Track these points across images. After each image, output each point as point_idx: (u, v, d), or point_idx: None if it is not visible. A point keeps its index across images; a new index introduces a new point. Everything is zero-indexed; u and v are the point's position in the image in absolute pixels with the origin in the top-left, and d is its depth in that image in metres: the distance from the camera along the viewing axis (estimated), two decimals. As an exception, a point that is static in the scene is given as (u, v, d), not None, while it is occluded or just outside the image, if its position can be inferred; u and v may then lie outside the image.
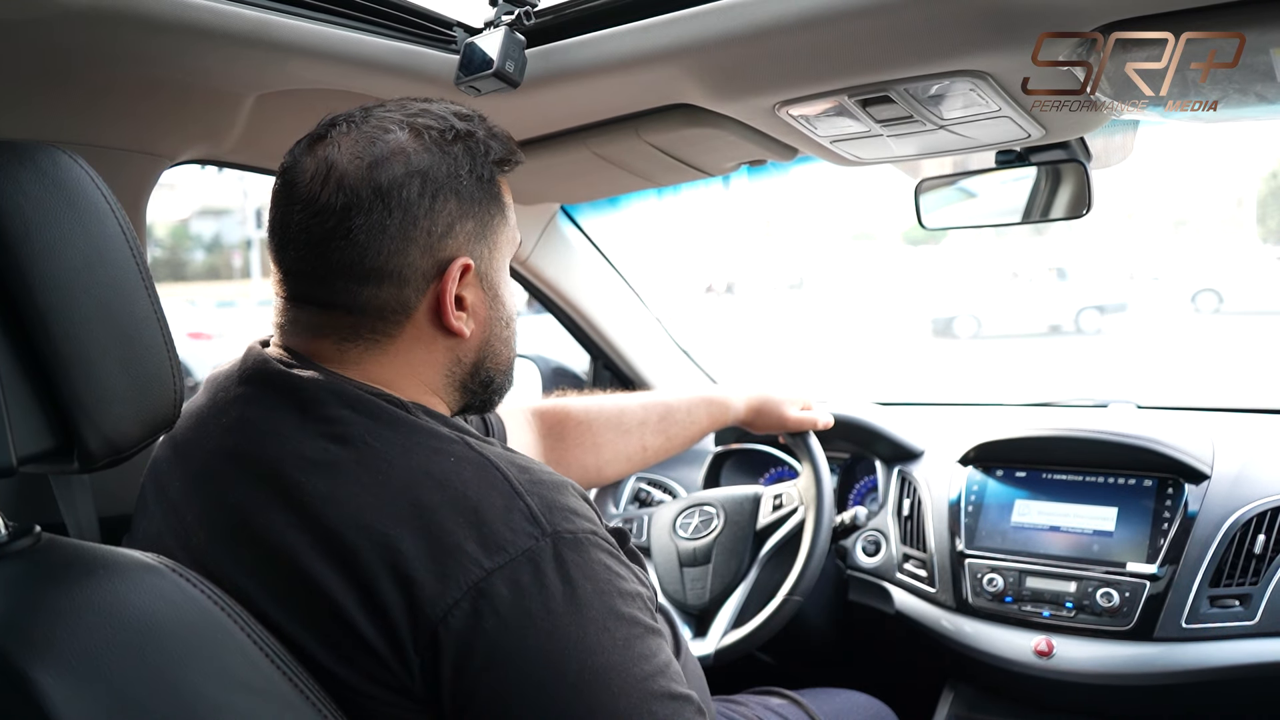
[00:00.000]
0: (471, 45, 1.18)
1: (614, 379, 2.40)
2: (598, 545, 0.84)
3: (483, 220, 0.95)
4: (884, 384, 10.46)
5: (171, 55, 1.06)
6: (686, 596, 1.65)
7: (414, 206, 0.90)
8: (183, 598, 0.74)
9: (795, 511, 1.67)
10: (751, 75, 1.21)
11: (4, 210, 0.71)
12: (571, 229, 2.12)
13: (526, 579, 0.79)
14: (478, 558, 0.78)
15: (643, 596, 0.87)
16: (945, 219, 1.67)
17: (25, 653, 0.66)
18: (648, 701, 0.80)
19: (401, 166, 0.89)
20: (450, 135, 0.93)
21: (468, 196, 0.93)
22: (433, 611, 0.77)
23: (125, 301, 0.77)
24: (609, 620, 0.81)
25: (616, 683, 0.79)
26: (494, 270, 0.98)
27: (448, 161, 0.92)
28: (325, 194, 0.88)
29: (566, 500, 0.85)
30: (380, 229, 0.89)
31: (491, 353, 1.00)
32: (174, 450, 0.98)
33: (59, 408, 0.73)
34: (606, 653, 0.79)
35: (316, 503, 0.82)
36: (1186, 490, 1.60)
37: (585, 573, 0.81)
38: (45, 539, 0.80)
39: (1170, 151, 22.39)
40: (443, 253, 0.92)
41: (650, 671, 0.81)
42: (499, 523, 0.80)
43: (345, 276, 0.90)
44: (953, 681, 1.81)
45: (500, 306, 0.99)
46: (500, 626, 0.77)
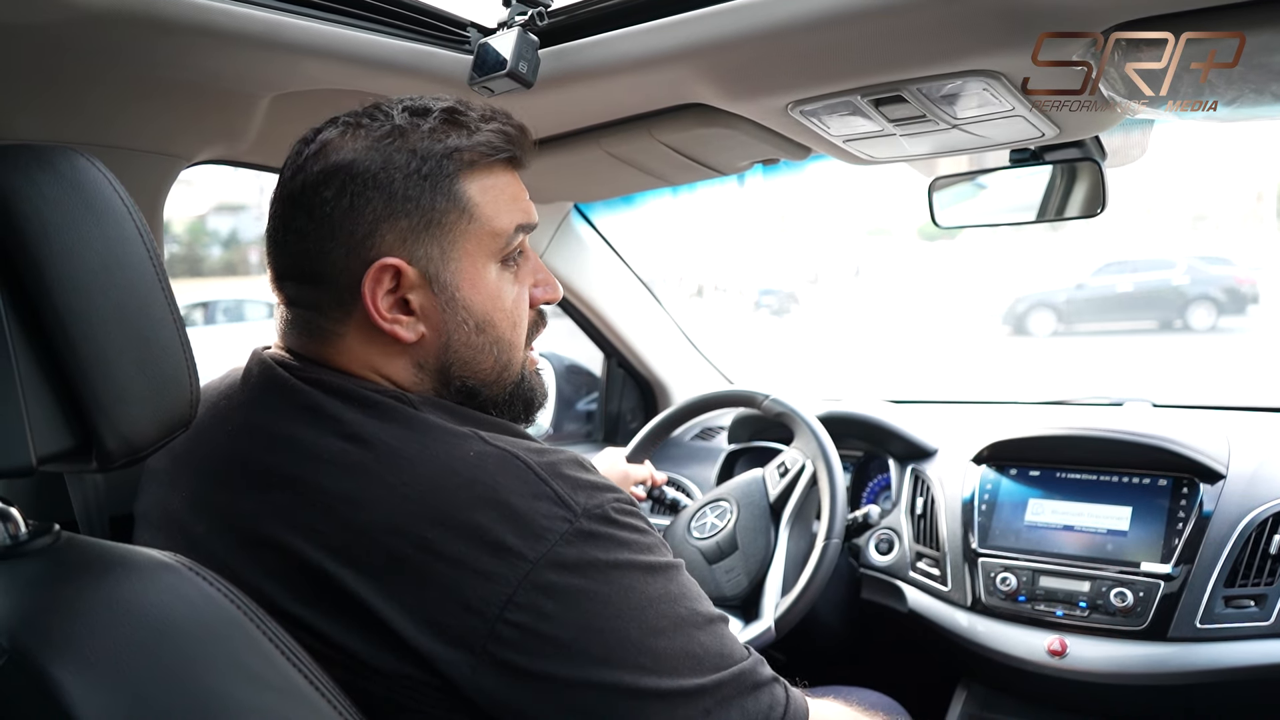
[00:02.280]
0: (485, 46, 1.19)
1: (628, 377, 2.41)
2: (621, 510, 0.86)
3: (424, 219, 0.90)
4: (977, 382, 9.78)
5: (187, 57, 1.07)
6: (723, 589, 1.65)
7: (327, 206, 0.89)
8: (199, 595, 0.74)
9: (803, 470, 1.69)
10: (764, 75, 1.21)
11: (23, 213, 0.71)
12: (585, 227, 2.13)
13: (570, 561, 0.80)
14: (521, 550, 0.79)
15: (661, 542, 0.89)
16: (959, 217, 1.66)
17: (45, 651, 0.66)
18: (695, 634, 0.85)
19: (322, 165, 0.90)
20: (385, 130, 0.91)
21: (400, 195, 0.89)
22: (488, 609, 0.78)
23: (142, 303, 0.77)
24: (646, 577, 0.84)
25: (669, 629, 0.83)
26: (449, 272, 0.92)
27: (376, 158, 0.89)
28: (273, 200, 0.94)
29: (585, 475, 0.87)
30: (301, 232, 0.91)
31: (458, 359, 0.95)
32: (173, 461, 0.97)
33: (77, 408, 0.74)
34: (657, 604, 0.83)
35: (341, 506, 0.83)
36: (1202, 490, 1.59)
37: (618, 541, 0.83)
38: (65, 537, 0.81)
39: (1188, 146, 22.21)
40: (367, 253, 0.89)
41: (690, 607, 0.86)
42: (532, 511, 0.81)
43: (289, 276, 0.94)
44: (965, 680, 1.81)
45: (461, 310, 0.93)
46: (557, 610, 0.79)
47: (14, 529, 0.79)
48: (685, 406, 1.97)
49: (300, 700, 0.75)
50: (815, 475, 1.68)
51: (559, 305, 2.19)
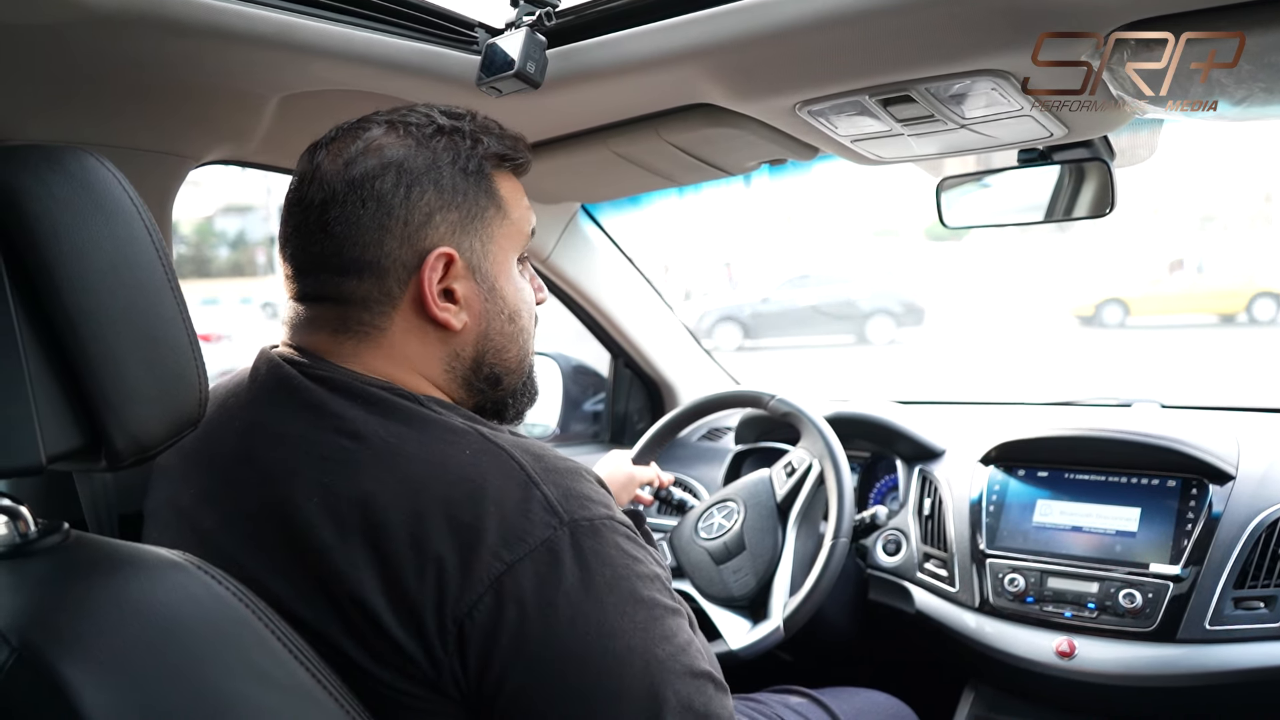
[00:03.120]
0: (493, 46, 1.19)
1: (635, 378, 2.41)
2: (614, 530, 0.85)
3: (470, 213, 0.95)
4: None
5: (196, 58, 1.07)
6: (731, 590, 1.65)
7: (388, 197, 0.91)
8: (207, 594, 0.75)
9: (810, 469, 1.69)
10: (772, 75, 1.21)
11: (33, 213, 0.71)
12: (592, 228, 2.13)
13: (546, 569, 0.80)
14: (498, 551, 0.79)
15: (661, 578, 0.87)
16: (967, 217, 1.66)
17: (55, 649, 0.67)
18: (671, 681, 0.81)
19: (376, 159, 0.92)
20: (431, 130, 0.95)
21: (449, 188, 0.93)
22: (458, 607, 0.78)
23: (151, 303, 0.77)
24: (628, 604, 0.82)
25: (639, 665, 0.80)
26: (489, 264, 0.97)
27: (426, 154, 0.93)
28: (309, 192, 0.93)
29: (582, 487, 0.86)
30: (354, 220, 0.91)
31: (493, 347, 0.99)
32: (184, 459, 0.98)
33: (86, 407, 0.74)
34: (628, 636, 0.81)
35: (336, 500, 0.83)
36: (1211, 491, 1.59)
37: (603, 559, 0.82)
38: (74, 536, 0.81)
39: (1196, 146, 22.10)
40: (422, 243, 0.93)
41: (672, 651, 0.83)
42: (518, 514, 0.81)
43: (328, 269, 0.93)
44: (973, 682, 1.80)
45: (499, 300, 0.98)
46: (523, 618, 0.79)
47: (23, 527, 0.79)
48: (692, 407, 1.96)
49: (308, 699, 0.76)
50: (822, 475, 1.68)
51: (566, 306, 2.20)
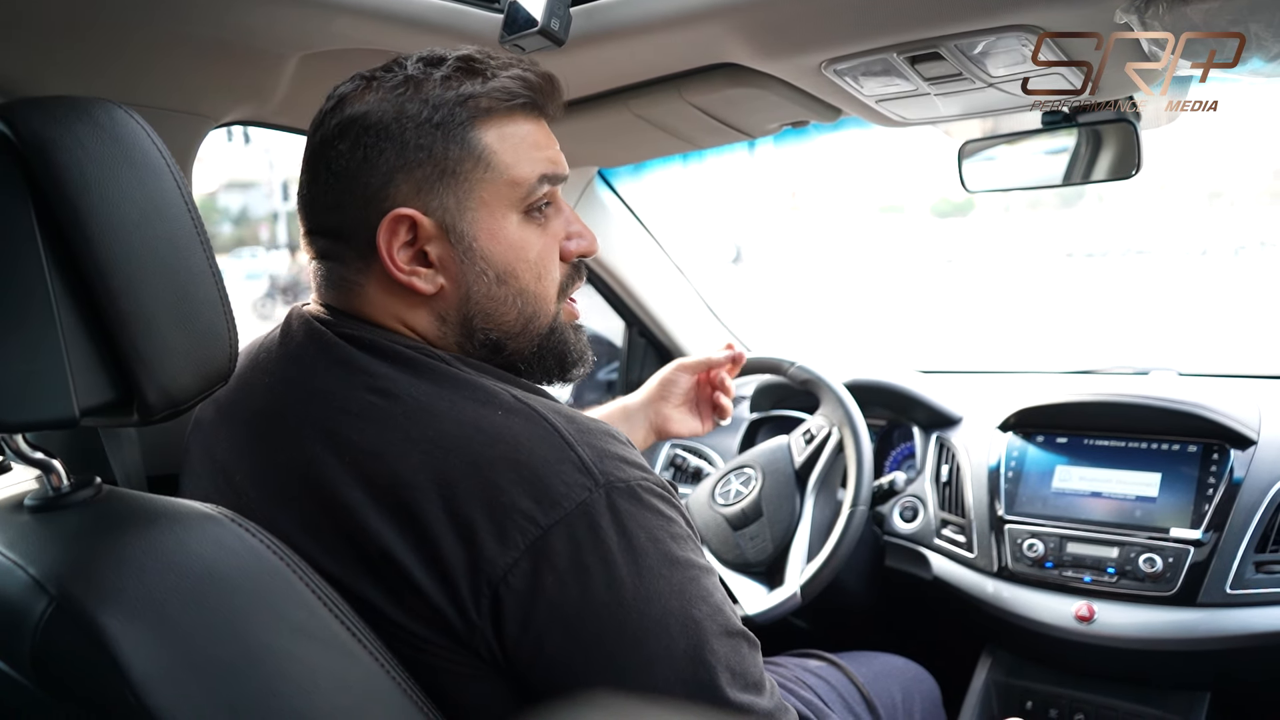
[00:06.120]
0: (515, 3, 1.17)
1: (649, 346, 2.40)
2: (650, 490, 0.84)
3: (439, 169, 0.89)
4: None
5: (218, 14, 1.06)
6: (748, 556, 1.66)
7: (342, 160, 0.90)
8: (242, 546, 0.75)
9: (829, 436, 1.68)
10: (798, 33, 1.19)
11: (63, 164, 0.71)
12: (608, 194, 2.11)
13: (583, 533, 0.79)
14: (534, 515, 0.78)
15: (693, 538, 0.87)
16: (987, 181, 1.65)
17: (94, 599, 0.67)
18: (709, 641, 0.81)
19: (336, 119, 0.90)
20: (396, 82, 0.90)
21: (414, 145, 0.88)
22: (493, 571, 0.77)
23: (182, 256, 0.77)
24: (665, 566, 0.81)
25: (677, 627, 0.80)
26: (467, 223, 0.91)
27: (388, 109, 0.89)
28: (303, 156, 0.95)
29: (616, 448, 0.85)
30: (321, 185, 0.92)
31: (480, 311, 0.93)
32: (218, 412, 0.98)
33: (118, 361, 0.73)
34: (665, 599, 0.80)
35: (366, 458, 0.83)
36: (1232, 456, 1.58)
37: (639, 521, 0.81)
38: (106, 490, 0.81)
39: (1203, 122, 21.90)
40: (383, 204, 0.89)
41: (709, 611, 0.83)
42: (552, 476, 0.80)
43: (317, 232, 0.95)
44: (991, 647, 1.81)
45: (480, 261, 0.92)
46: (560, 583, 0.78)
47: (56, 481, 0.79)
48: None
49: (345, 653, 0.76)
50: (841, 442, 1.67)
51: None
